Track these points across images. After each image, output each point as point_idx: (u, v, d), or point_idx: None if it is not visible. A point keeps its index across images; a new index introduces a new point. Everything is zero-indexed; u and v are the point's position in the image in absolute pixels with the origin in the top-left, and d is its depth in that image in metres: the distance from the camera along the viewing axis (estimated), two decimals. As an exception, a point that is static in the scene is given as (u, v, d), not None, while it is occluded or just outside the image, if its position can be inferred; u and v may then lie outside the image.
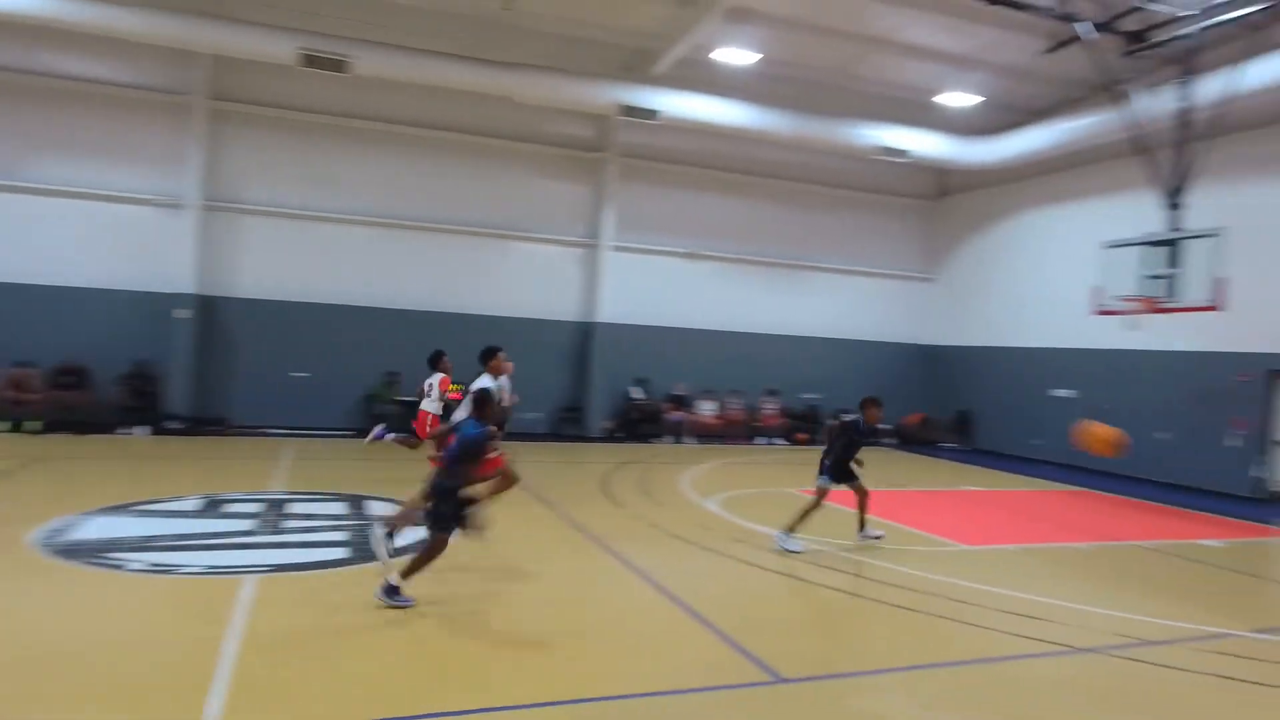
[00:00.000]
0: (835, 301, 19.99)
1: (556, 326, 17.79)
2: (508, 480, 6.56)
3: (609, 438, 17.47)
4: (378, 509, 9.24)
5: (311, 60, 13.91)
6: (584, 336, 17.88)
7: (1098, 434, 6.00)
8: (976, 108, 17.32)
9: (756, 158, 18.78)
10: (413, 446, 10.72)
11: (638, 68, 16.21)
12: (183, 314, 15.07)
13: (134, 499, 8.93)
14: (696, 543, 8.58)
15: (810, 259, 19.75)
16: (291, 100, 15.95)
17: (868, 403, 8.63)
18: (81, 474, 10.76)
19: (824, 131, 17.05)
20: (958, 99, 16.93)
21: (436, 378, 10.80)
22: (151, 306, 15.03)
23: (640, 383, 17.97)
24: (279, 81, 15.63)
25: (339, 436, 15.54)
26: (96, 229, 14.99)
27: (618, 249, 17.85)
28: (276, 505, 9.25)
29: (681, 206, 18.69)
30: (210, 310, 15.54)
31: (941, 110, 17.47)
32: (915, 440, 19.39)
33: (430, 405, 10.60)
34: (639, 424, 17.67)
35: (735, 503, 10.87)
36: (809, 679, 5.14)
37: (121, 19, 13.32)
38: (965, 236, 20.12)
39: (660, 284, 18.49)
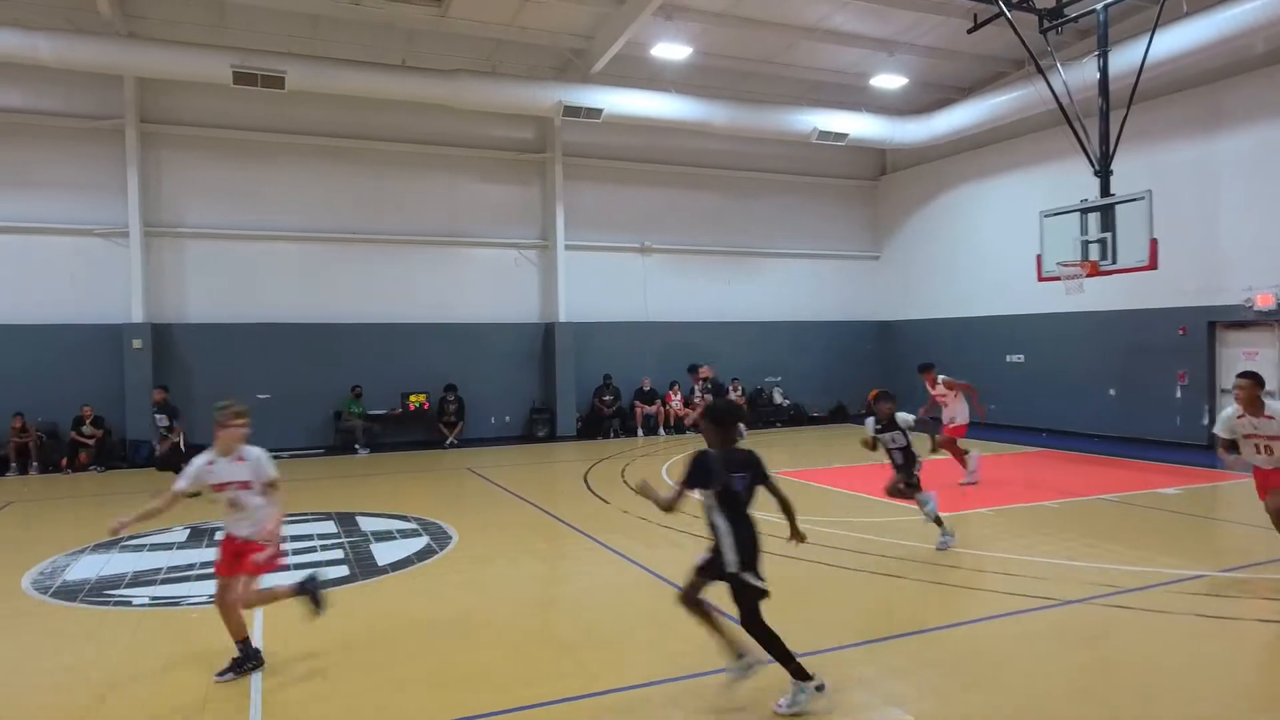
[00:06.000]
0: (788, 285, 20.45)
1: (519, 329, 17.85)
2: None
3: (581, 436, 17.61)
4: (369, 525, 9.26)
5: (244, 77, 13.66)
6: (547, 337, 17.96)
7: None
8: (906, 88, 17.88)
9: (700, 149, 19.07)
10: None
11: (575, 67, 16.34)
12: (138, 344, 14.71)
13: (115, 536, 8.76)
14: (685, 530, 8.78)
15: (760, 245, 20.15)
16: (225, 119, 15.69)
17: (880, 397, 7.97)
18: (58, 515, 10.49)
19: (761, 120, 17.42)
20: (888, 81, 17.46)
21: None
22: (103, 338, 14.65)
23: (606, 379, 18.14)
24: (210, 100, 15.37)
25: (310, 455, 15.38)
26: (35, 263, 14.54)
27: (571, 248, 17.96)
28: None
29: (631, 202, 18.89)
30: (165, 338, 15.21)
31: (874, 92, 18.00)
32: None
33: None
34: (609, 420, 17.85)
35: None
36: (811, 654, 5.32)
37: (36, 46, 12.84)
38: (907, 213, 20.75)
39: (617, 280, 18.70)
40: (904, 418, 7.87)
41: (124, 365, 14.73)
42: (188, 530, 9.16)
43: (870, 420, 7.98)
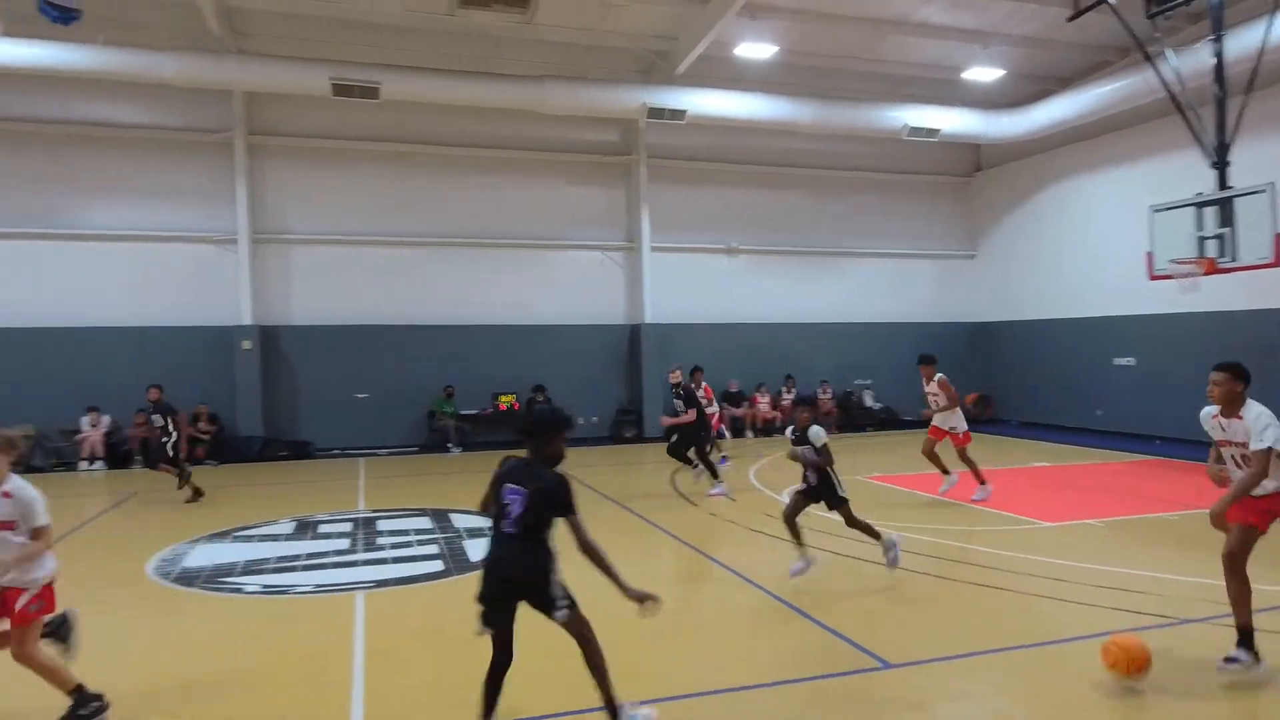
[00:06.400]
0: (879, 285, 20.00)
1: (605, 331, 18.01)
2: None
3: (668, 437, 17.59)
4: (462, 521, 9.51)
5: (342, 89, 14.22)
6: (633, 339, 18.08)
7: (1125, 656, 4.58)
8: (1002, 80, 17.26)
9: (785, 148, 18.85)
10: None
11: (659, 69, 16.40)
12: (247, 345, 15.51)
13: (230, 525, 9.26)
14: (774, 534, 8.70)
15: (849, 245, 19.78)
16: (324, 129, 16.37)
17: (799, 403, 7.54)
18: (177, 505, 11.15)
19: (849, 117, 17.10)
20: (982, 73, 16.88)
21: None
22: (216, 340, 15.49)
23: (693, 374, 18.06)
24: (310, 111, 16.08)
25: (406, 453, 15.91)
26: (156, 269, 15.51)
27: (657, 249, 18.01)
28: (365, 523, 9.55)
29: (716, 203, 18.83)
30: (272, 339, 15.99)
31: (967, 85, 17.44)
32: (974, 420, 19.33)
33: None
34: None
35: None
36: (915, 663, 5.19)
37: (161, 65, 13.70)
38: (1005, 210, 20.01)
39: (703, 282, 18.65)
40: (816, 432, 6.77)
41: (235, 365, 15.53)
42: (294, 523, 9.59)
43: (790, 428, 7.19)
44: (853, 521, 6.95)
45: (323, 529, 9.30)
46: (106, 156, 15.34)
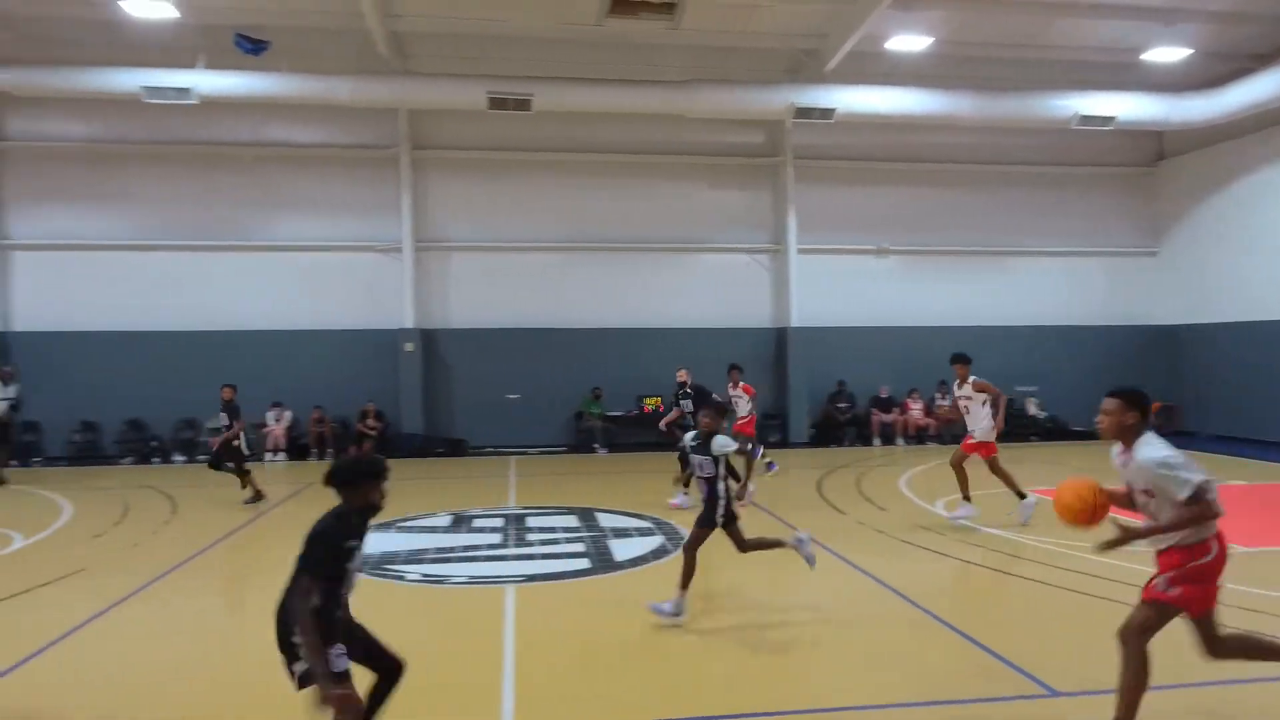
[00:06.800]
0: (1044, 286, 18.73)
1: (750, 334, 17.86)
2: None
3: (814, 443, 17.28)
4: (607, 521, 9.69)
5: (497, 102, 14.81)
6: (778, 342, 17.84)
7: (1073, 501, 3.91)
8: (1187, 60, 15.76)
9: (940, 144, 18.04)
10: None
11: (807, 68, 16.09)
12: (409, 347, 16.51)
13: (394, 517, 9.86)
14: (927, 546, 8.35)
15: (1009, 244, 18.67)
16: (480, 141, 17.13)
17: (703, 405, 6.57)
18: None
19: (1012, 108, 16.13)
20: (1165, 54, 15.46)
21: None
22: (381, 342, 16.56)
23: (840, 385, 17.67)
24: (467, 124, 16.87)
25: (554, 453, 16.42)
26: (329, 276, 16.79)
27: (804, 251, 17.69)
28: (516, 520, 9.92)
29: (865, 202, 18.27)
30: (432, 342, 16.94)
31: (1147, 68, 16.04)
32: (1159, 431, 17.77)
33: None
34: (843, 428, 17.37)
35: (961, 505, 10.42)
36: (1085, 693, 4.81)
37: (337, 89, 14.83)
38: (1194, 202, 18.25)
39: (851, 284, 18.14)
40: (721, 443, 5.92)
41: (398, 366, 16.55)
42: (450, 516, 10.09)
43: (691, 434, 6.30)
44: (744, 545, 6.10)
45: (477, 523, 9.74)
46: (287, 174, 16.78)
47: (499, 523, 9.75)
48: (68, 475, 13.89)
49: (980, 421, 9.36)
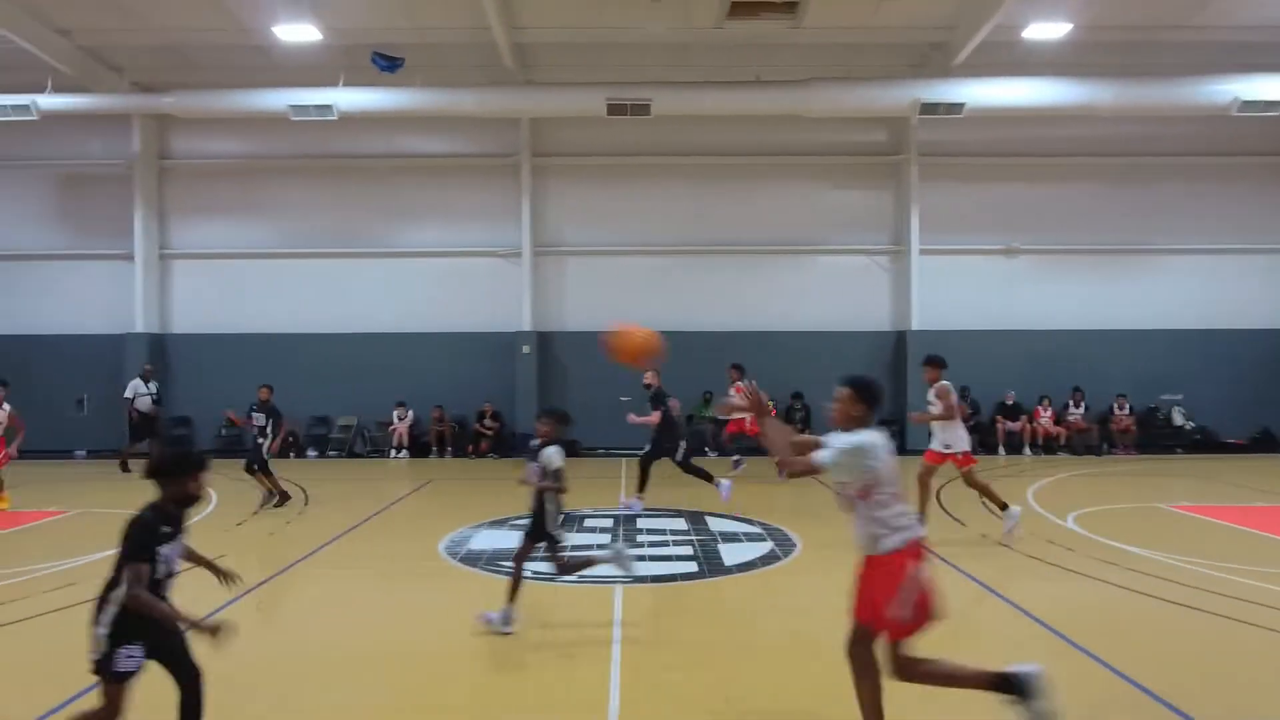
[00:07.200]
0: (1193, 286, 17.35)
1: (868, 338, 17.40)
2: None
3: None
4: (716, 525, 9.63)
5: (616, 108, 14.97)
6: (898, 345, 17.28)
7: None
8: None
9: (1076, 136, 17.02)
10: None
11: (933, 62, 15.50)
12: (526, 350, 16.97)
13: (508, 514, 10.12)
14: (1058, 564, 7.85)
15: (1154, 241, 17.41)
16: (598, 147, 17.42)
17: (543, 415, 6.55)
18: (465, 492, 12.42)
19: (1160, 95, 14.97)
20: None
21: None
22: (500, 345, 17.08)
23: (963, 391, 16.90)
24: (585, 131, 17.19)
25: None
26: (454, 280, 17.50)
27: (927, 252, 17.06)
28: (625, 521, 10.02)
29: (994, 200, 17.47)
30: (547, 344, 17.34)
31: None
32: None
33: None
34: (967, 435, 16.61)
35: (1095, 520, 9.79)
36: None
37: (463, 101, 15.42)
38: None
39: (978, 285, 17.40)
40: (550, 454, 5.93)
41: (515, 368, 17.03)
42: (562, 515, 10.22)
43: (532, 441, 6.24)
44: (564, 566, 6.13)
45: (587, 523, 9.88)
46: (416, 183, 17.59)
47: (609, 523, 9.86)
48: (215, 467, 14.89)
49: (954, 434, 8.79)
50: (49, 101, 14.90)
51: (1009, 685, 3.83)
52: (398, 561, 8.23)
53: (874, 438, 3.89)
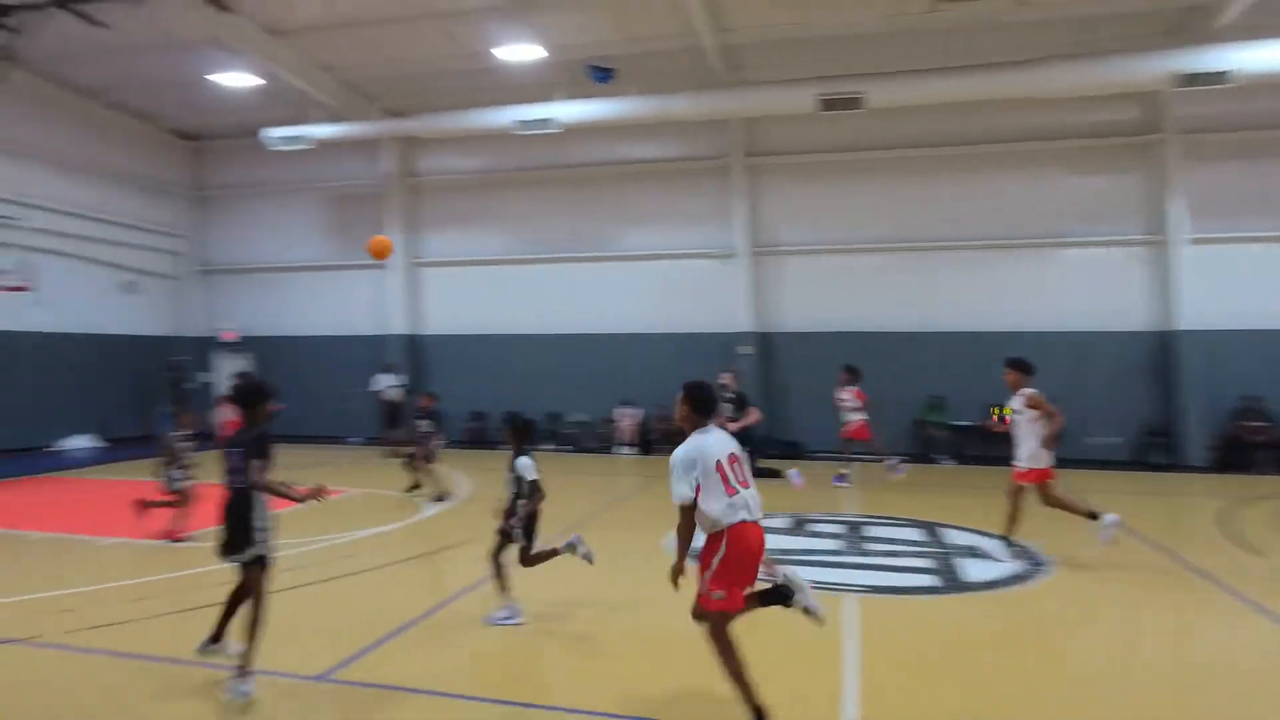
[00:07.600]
0: None
1: (1120, 338, 15.70)
2: None
3: (1214, 468, 14.65)
4: (953, 537, 9.04)
5: (828, 104, 14.51)
6: (1159, 348, 15.46)
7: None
8: None
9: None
10: None
11: (1191, 27, 13.68)
12: (746, 350, 16.95)
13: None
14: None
15: None
16: (813, 143, 17.06)
17: (509, 420, 6.52)
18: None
19: None
20: None
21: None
22: (718, 345, 17.13)
23: (1251, 400, 14.76)
24: (799, 128, 16.92)
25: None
26: (669, 283, 17.88)
27: (1197, 241, 15.13)
28: (854, 527, 9.66)
29: (1276, 179, 15.13)
30: (767, 344, 17.24)
31: None
32: None
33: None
34: (1256, 450, 14.44)
35: None
36: None
37: (675, 105, 15.59)
38: None
39: (1261, 278, 15.13)
40: (523, 464, 6.05)
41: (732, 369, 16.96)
42: (790, 519, 10.08)
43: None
44: (527, 559, 6.22)
45: (815, 528, 9.62)
46: (634, 189, 18.17)
47: (838, 529, 9.56)
48: (463, 457, 15.98)
49: (1027, 443, 7.89)
50: (321, 131, 17.04)
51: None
52: (619, 555, 8.19)
53: (687, 447, 4.45)
